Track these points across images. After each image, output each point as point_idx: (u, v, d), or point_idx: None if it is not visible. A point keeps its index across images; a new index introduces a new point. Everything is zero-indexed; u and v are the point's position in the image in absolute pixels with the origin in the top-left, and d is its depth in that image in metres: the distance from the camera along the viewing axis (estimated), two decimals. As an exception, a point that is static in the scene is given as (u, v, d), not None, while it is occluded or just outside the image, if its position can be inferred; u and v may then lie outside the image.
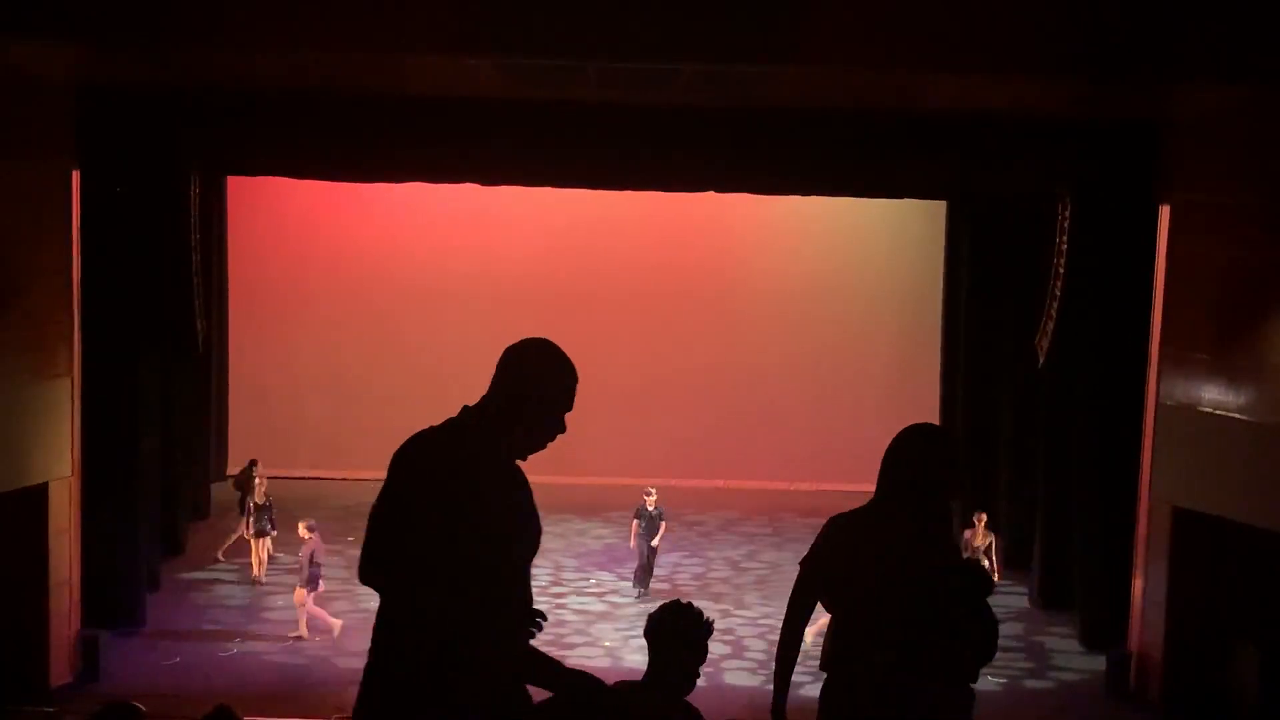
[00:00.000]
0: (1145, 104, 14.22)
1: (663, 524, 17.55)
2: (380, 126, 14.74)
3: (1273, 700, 13.40)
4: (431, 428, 4.94)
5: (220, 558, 18.49)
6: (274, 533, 17.93)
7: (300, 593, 15.96)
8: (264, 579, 17.76)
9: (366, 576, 4.98)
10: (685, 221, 22.13)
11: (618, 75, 13.07)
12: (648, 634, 5.57)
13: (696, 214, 21.71)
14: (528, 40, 11.85)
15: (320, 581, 16.03)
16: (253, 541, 17.74)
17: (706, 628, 5.54)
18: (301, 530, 16.18)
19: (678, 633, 5.48)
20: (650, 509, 17.48)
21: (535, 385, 4.85)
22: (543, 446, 4.89)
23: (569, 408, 4.87)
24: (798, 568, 6.24)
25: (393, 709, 4.81)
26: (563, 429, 4.86)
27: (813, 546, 6.15)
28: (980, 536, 16.97)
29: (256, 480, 18.04)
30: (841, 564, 5.98)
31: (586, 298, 22.79)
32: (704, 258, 22.76)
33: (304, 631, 15.90)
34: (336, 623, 15.88)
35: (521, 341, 5.01)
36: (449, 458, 4.80)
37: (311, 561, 15.90)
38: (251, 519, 17.68)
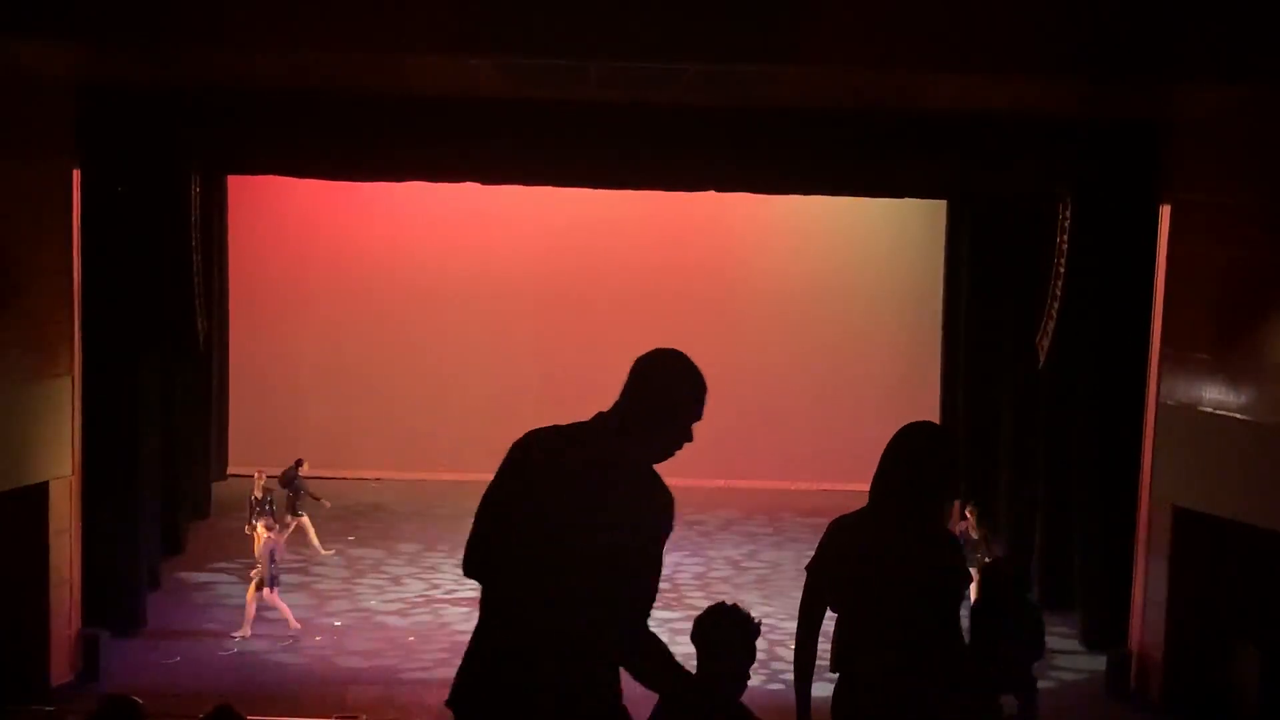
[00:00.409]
0: (1146, 104, 14.22)
1: None
2: (380, 126, 14.74)
3: (1273, 700, 13.41)
4: (557, 426, 5.01)
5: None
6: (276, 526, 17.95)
7: (253, 590, 15.91)
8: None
9: (475, 569, 5.02)
10: (686, 222, 22.13)
11: (618, 75, 13.07)
12: (695, 639, 5.53)
13: (697, 214, 21.71)
14: (528, 40, 11.85)
15: (278, 580, 15.94)
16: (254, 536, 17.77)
17: (755, 629, 5.52)
18: (260, 529, 16.16)
19: (727, 637, 5.44)
20: None
21: (665, 395, 4.94)
22: (670, 454, 4.99)
23: (697, 417, 4.98)
24: (804, 573, 6.25)
25: (504, 699, 4.87)
26: (689, 438, 4.98)
27: (817, 550, 6.17)
28: (974, 530, 16.98)
29: (255, 476, 18.08)
30: (844, 566, 5.99)
31: (587, 297, 22.80)
32: (705, 258, 22.76)
33: (247, 631, 15.79)
34: (295, 624, 15.84)
35: (653, 352, 5.09)
36: (581, 458, 4.88)
37: (272, 560, 15.84)
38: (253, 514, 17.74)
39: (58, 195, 14.22)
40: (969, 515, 17.06)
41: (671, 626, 17.17)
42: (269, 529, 16.06)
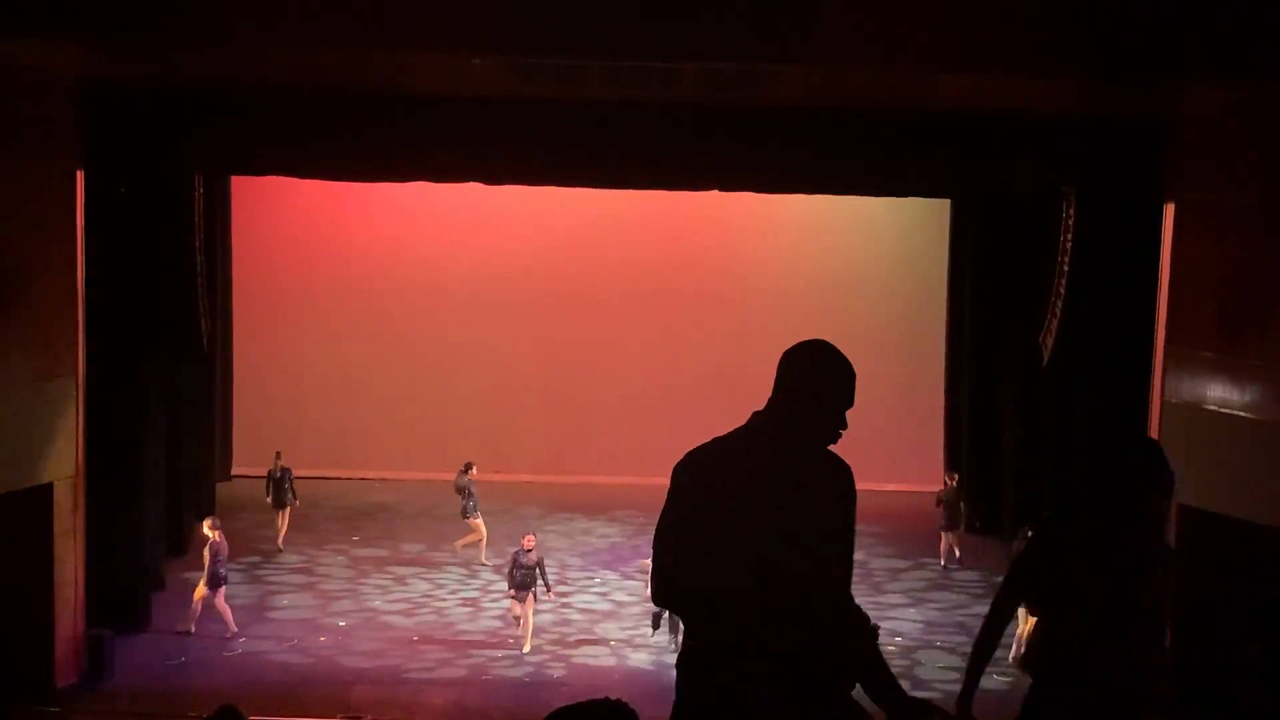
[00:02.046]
0: (1150, 103, 14.21)
1: None
2: (384, 127, 14.73)
3: (1278, 697, 13.39)
4: (718, 439, 5.05)
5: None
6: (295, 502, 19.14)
7: (201, 589, 15.88)
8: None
9: (668, 599, 5.07)
10: (689, 222, 22.14)
11: (621, 74, 13.07)
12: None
13: (700, 214, 21.72)
14: (531, 39, 11.84)
15: (223, 580, 15.93)
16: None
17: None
18: (206, 528, 16.17)
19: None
20: None
21: (816, 385, 4.96)
22: (830, 443, 4.99)
23: (850, 404, 4.97)
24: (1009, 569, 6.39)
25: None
26: (845, 425, 4.97)
27: (1024, 553, 6.28)
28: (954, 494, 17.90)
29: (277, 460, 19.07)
30: (1056, 573, 6.06)
31: (590, 298, 22.81)
32: (708, 257, 22.76)
33: (191, 627, 15.80)
34: (233, 627, 15.82)
35: (799, 344, 5.12)
36: (754, 464, 4.90)
37: (214, 559, 15.81)
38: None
39: (61, 196, 14.23)
40: (949, 481, 17.46)
41: (678, 625, 17.23)
42: (214, 528, 16.04)
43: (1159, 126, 14.67)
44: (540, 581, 15.81)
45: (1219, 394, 13.87)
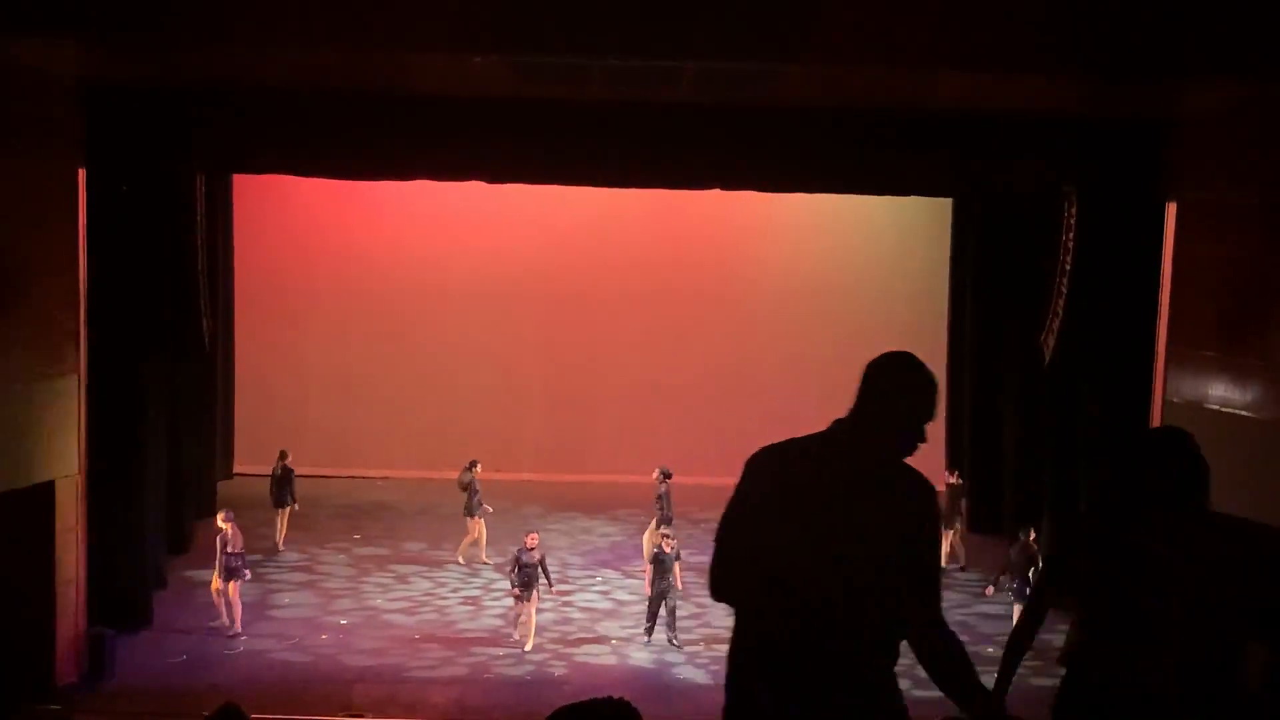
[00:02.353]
0: (1151, 102, 14.21)
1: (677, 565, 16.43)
2: (385, 125, 14.74)
3: None
4: (793, 440, 5.06)
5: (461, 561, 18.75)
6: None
7: (215, 582, 15.92)
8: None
9: (727, 593, 5.03)
10: (691, 221, 22.15)
11: (624, 73, 13.07)
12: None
13: (702, 214, 21.73)
14: (533, 38, 11.85)
15: (241, 573, 15.95)
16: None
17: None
18: (219, 520, 16.20)
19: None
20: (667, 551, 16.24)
21: (898, 397, 4.97)
22: (909, 454, 4.99)
23: (930, 417, 4.97)
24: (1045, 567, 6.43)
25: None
26: (924, 438, 4.97)
27: (1056, 551, 6.33)
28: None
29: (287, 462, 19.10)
30: (1093, 567, 6.08)
31: (591, 297, 22.81)
32: (709, 257, 22.77)
33: (227, 619, 15.87)
34: (238, 625, 15.83)
35: (883, 356, 5.11)
36: (828, 468, 4.90)
37: (223, 550, 15.81)
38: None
39: (63, 195, 14.24)
40: (950, 479, 18.03)
41: (681, 625, 17.23)
42: (226, 520, 16.04)
43: (1160, 126, 14.67)
44: (543, 579, 15.82)
45: (1220, 393, 13.86)
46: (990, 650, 16.05)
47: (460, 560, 18.62)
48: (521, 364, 22.93)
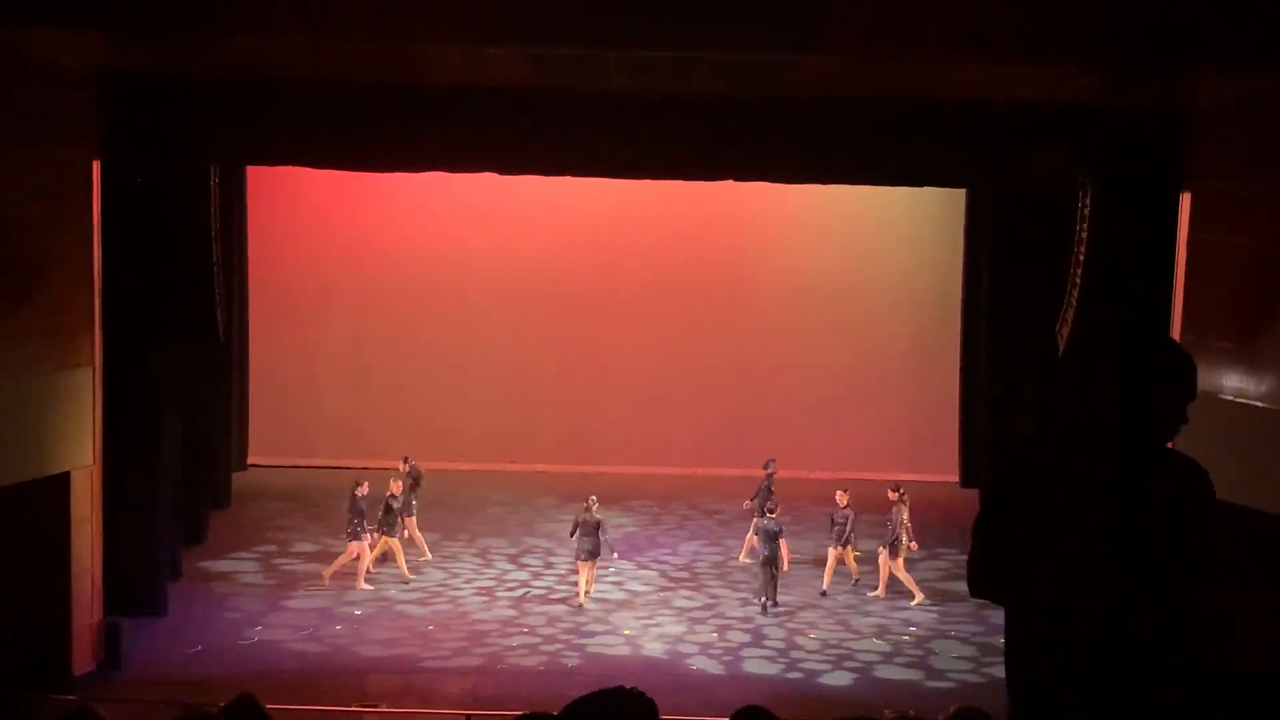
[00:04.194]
0: (1167, 92, 14.16)
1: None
2: (400, 117, 14.75)
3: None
4: (1053, 434, 5.06)
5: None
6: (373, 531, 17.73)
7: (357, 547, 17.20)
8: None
9: (993, 590, 5.04)
10: (703, 215, 22.12)
11: (638, 64, 13.06)
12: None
13: (715, 207, 21.72)
14: (549, 30, 11.84)
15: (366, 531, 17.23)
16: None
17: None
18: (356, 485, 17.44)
19: None
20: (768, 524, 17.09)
21: (1160, 381, 4.93)
22: (1172, 437, 4.95)
23: (1193, 395, 4.95)
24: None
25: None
26: (1185, 419, 4.94)
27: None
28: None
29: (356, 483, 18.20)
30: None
31: (604, 291, 22.80)
32: (722, 250, 22.74)
33: (360, 583, 17.09)
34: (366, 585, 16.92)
35: (1134, 341, 5.13)
36: (1097, 471, 4.86)
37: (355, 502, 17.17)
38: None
39: (78, 186, 14.28)
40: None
41: (691, 616, 17.29)
42: (360, 483, 17.42)
43: (1176, 116, 14.61)
44: (603, 541, 16.78)
45: (1235, 384, 13.83)
46: (1003, 642, 16.05)
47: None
48: (535, 356, 22.93)
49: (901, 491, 17.28)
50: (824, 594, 17.29)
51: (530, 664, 15.10)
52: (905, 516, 17.15)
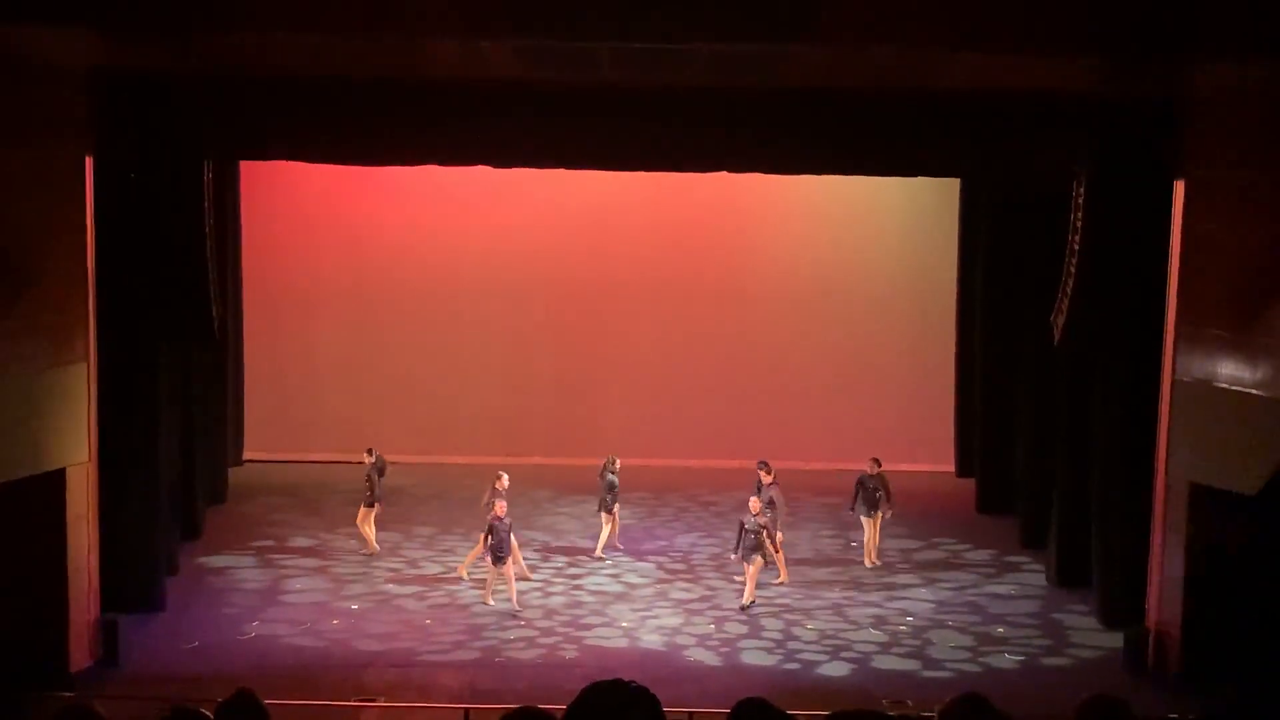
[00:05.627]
0: (1162, 82, 14.16)
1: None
2: (393, 110, 14.75)
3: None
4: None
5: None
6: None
7: (363, 511, 18.15)
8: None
9: None
10: (701, 207, 22.12)
11: (633, 56, 13.04)
12: None
13: (710, 200, 21.72)
14: (542, 23, 11.82)
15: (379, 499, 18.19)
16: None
17: None
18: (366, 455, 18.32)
19: None
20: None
21: None
22: None
23: None
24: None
25: None
26: None
27: None
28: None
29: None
30: None
31: (601, 283, 22.79)
32: (718, 244, 22.74)
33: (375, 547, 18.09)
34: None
35: None
36: None
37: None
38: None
39: (72, 182, 14.25)
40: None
41: (689, 607, 17.29)
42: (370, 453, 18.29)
43: (1170, 105, 14.63)
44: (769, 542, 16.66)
45: (1230, 371, 13.85)
46: (1000, 630, 16.10)
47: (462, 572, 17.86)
48: (531, 349, 22.92)
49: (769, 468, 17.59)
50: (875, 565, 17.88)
51: (528, 657, 15.11)
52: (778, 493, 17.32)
